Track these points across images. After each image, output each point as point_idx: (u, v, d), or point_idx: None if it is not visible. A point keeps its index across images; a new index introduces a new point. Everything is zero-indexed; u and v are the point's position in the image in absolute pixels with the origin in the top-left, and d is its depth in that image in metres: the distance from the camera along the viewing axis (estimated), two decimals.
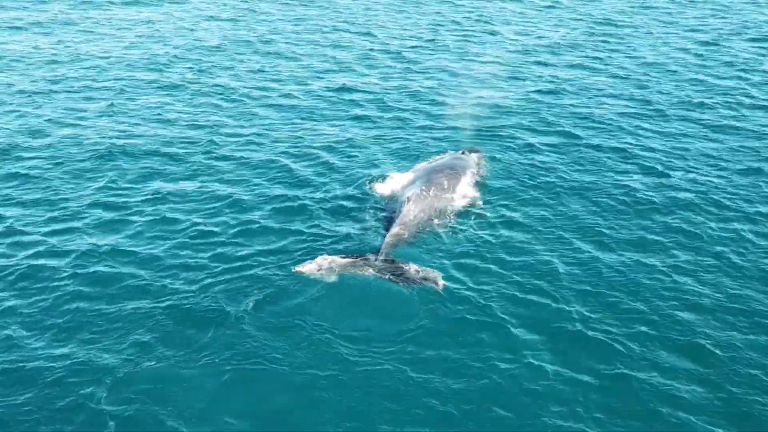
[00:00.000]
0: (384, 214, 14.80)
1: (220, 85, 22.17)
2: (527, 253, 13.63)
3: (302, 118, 19.88)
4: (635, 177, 16.70)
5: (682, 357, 11.19)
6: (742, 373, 10.90)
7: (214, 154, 17.64)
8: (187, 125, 19.30)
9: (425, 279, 12.41)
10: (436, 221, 14.47)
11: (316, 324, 11.56)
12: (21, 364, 10.85)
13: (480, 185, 16.00)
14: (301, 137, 18.60)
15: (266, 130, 19.09)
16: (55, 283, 12.62)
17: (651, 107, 20.94)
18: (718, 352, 11.30)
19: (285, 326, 11.52)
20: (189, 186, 16.05)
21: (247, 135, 18.73)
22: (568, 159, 17.58)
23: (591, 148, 18.15)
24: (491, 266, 13.16)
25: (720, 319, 12.06)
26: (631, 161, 17.53)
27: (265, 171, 16.85)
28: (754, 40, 27.49)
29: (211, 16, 29.79)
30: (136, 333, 11.45)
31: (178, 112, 20.15)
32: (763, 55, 25.73)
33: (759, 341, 11.55)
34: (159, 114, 20.03)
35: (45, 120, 19.45)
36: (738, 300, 12.50)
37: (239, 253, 13.46)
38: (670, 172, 16.91)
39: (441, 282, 12.37)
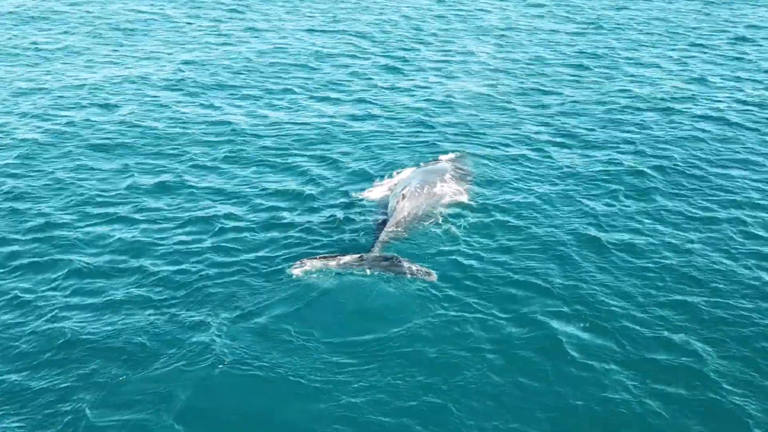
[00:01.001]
0: (378, 212, 14.91)
1: (213, 86, 22.22)
2: (519, 247, 13.77)
3: (296, 121, 19.90)
4: (625, 171, 16.93)
5: (686, 341, 11.40)
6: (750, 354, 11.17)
7: (209, 155, 17.72)
8: (178, 124, 19.34)
9: (418, 274, 12.59)
10: (429, 218, 14.61)
11: (311, 325, 11.55)
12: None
13: (471, 185, 16.15)
14: (295, 139, 18.65)
15: (260, 130, 19.14)
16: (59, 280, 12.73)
17: (640, 102, 21.16)
18: (719, 334, 11.57)
19: (280, 328, 11.50)
20: (184, 183, 16.10)
21: (240, 136, 18.78)
22: (559, 158, 17.72)
23: (581, 147, 18.31)
24: (484, 261, 13.30)
25: (718, 299, 12.37)
26: (621, 155, 17.73)
27: (258, 171, 16.91)
28: (740, 38, 27.84)
29: (205, 15, 29.77)
30: (134, 332, 11.49)
31: (173, 111, 20.18)
32: (748, 53, 26.08)
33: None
34: (159, 113, 20.10)
35: (57, 120, 19.52)
36: (738, 282, 12.85)
37: (232, 255, 13.49)
38: (663, 166, 17.13)
39: (434, 276, 12.56)
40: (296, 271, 12.62)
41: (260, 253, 13.47)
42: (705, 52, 25.90)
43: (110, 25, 28.45)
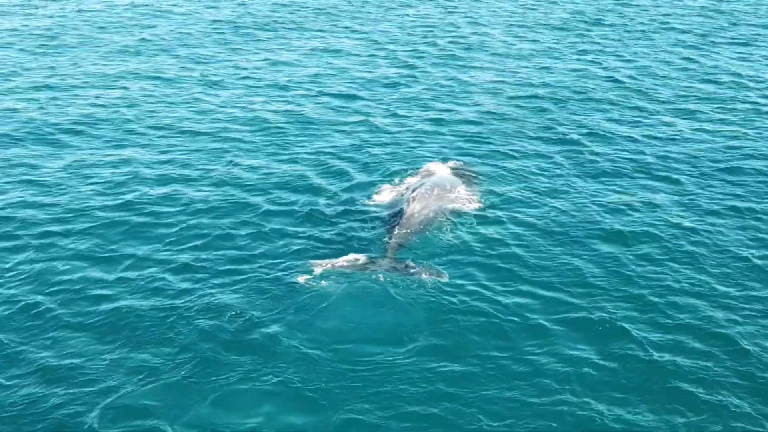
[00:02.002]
0: (388, 214, 15.05)
1: (221, 84, 22.39)
2: (531, 248, 13.94)
3: (306, 121, 20.06)
4: (642, 172, 17.15)
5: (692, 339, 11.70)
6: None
7: (218, 154, 17.95)
8: (188, 122, 19.54)
9: (431, 275, 12.78)
10: (440, 220, 14.76)
11: (323, 332, 11.65)
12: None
13: (482, 186, 16.29)
14: (301, 144, 18.80)
15: (265, 135, 19.27)
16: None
17: (647, 106, 21.18)
18: (727, 331, 11.84)
19: (292, 335, 11.61)
20: (189, 192, 16.26)
21: (246, 141, 18.92)
22: (572, 159, 17.76)
23: (588, 152, 18.30)
24: (497, 263, 13.46)
25: (718, 302, 12.62)
26: (628, 163, 17.79)
27: (265, 173, 17.05)
28: (744, 36, 27.92)
29: (216, 13, 29.92)
30: (141, 340, 11.65)
31: (185, 109, 20.37)
32: (751, 54, 26.17)
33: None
34: (171, 113, 20.40)
35: (74, 116, 19.86)
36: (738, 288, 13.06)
37: (240, 258, 13.65)
38: (668, 173, 17.20)
39: (446, 277, 12.76)
40: (306, 277, 12.78)
41: (268, 258, 13.62)
42: (713, 51, 25.91)
43: (121, 23, 28.63)
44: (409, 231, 14.19)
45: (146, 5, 31.52)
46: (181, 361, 11.11)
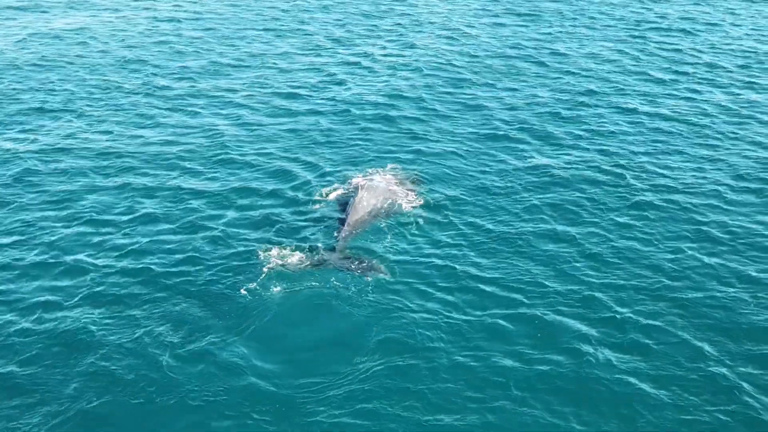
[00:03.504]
0: (337, 209, 15.44)
1: (165, 88, 22.33)
2: (476, 241, 14.49)
3: (249, 126, 20.09)
4: (582, 165, 17.77)
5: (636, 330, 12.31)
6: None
7: (163, 156, 18.12)
8: (142, 126, 19.70)
9: (375, 270, 13.25)
10: (387, 211, 15.28)
11: (276, 336, 11.94)
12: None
13: (425, 186, 16.73)
14: (246, 145, 18.90)
15: (217, 133, 19.43)
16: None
17: (587, 101, 21.68)
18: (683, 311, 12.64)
19: (246, 341, 11.83)
20: (143, 185, 16.50)
21: (195, 139, 19.07)
22: (515, 154, 18.22)
23: (537, 143, 18.84)
24: (442, 255, 14.04)
25: (659, 283, 13.40)
26: (575, 150, 18.44)
27: (211, 172, 17.30)
28: (674, 30, 28.75)
29: (168, 18, 29.48)
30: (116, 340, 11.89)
31: (142, 117, 20.48)
32: (679, 43, 26.95)
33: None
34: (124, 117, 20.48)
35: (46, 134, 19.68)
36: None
37: (190, 259, 13.86)
38: (612, 168, 17.71)
39: (389, 276, 13.18)
40: (251, 285, 12.83)
41: (214, 262, 13.79)
42: (645, 45, 26.49)
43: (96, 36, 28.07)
44: (358, 226, 14.62)
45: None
46: (125, 374, 11.22)
